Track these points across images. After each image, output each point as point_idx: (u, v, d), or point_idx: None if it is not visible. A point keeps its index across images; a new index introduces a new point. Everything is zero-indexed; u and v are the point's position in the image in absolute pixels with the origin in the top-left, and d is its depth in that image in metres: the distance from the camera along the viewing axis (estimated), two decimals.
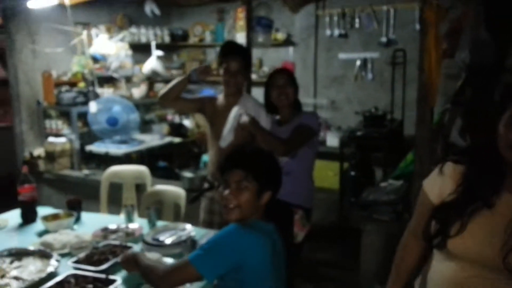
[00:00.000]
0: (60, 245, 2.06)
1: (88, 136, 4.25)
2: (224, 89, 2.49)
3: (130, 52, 4.72)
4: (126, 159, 4.09)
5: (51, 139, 4.17)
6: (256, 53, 5.20)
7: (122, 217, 2.60)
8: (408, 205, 2.55)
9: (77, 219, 2.47)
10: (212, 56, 6.02)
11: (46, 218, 2.37)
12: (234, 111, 2.35)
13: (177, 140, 4.80)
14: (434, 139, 2.50)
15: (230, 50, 2.45)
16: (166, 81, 5.48)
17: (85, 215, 2.56)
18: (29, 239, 2.20)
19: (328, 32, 4.79)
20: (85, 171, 4.05)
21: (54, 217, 2.41)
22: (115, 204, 3.39)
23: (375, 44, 4.66)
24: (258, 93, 3.26)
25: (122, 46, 4.60)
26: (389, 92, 4.70)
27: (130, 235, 2.20)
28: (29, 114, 4.33)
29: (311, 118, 2.38)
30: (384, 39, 4.58)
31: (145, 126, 4.99)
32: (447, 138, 2.53)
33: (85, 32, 4.24)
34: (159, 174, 4.03)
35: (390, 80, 4.71)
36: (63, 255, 1.98)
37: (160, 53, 4.89)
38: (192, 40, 5.79)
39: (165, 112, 5.31)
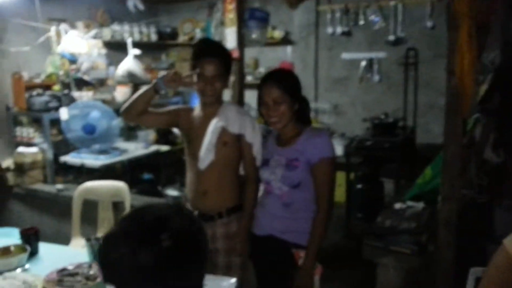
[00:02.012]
0: None
1: (64, 146, 3.78)
2: (200, 98, 2.03)
3: (104, 51, 4.22)
4: (107, 171, 3.64)
5: (21, 148, 3.72)
6: (251, 52, 4.77)
7: None
8: (434, 235, 2.12)
9: (33, 253, 2.03)
10: None
11: None
12: (213, 124, 1.95)
13: (164, 148, 4.34)
14: (464, 156, 2.08)
15: (204, 51, 1.97)
16: (148, 83, 5.03)
17: (45, 248, 2.11)
18: None
19: (329, 29, 4.39)
20: (58, 186, 3.60)
21: (4, 251, 1.97)
22: (91, 225, 2.96)
23: (382, 43, 4.24)
24: (252, 96, 2.83)
25: (95, 44, 4.10)
26: (398, 96, 4.30)
27: (91, 280, 1.75)
28: None
29: (328, 145, 1.84)
30: (392, 37, 4.16)
31: (129, 133, 4.53)
32: (480, 156, 2.11)
33: (53, 29, 3.76)
34: (143, 188, 3.59)
35: (398, 83, 4.32)
36: None
37: (137, 52, 4.37)
38: (182, 38, 5.36)
39: None
